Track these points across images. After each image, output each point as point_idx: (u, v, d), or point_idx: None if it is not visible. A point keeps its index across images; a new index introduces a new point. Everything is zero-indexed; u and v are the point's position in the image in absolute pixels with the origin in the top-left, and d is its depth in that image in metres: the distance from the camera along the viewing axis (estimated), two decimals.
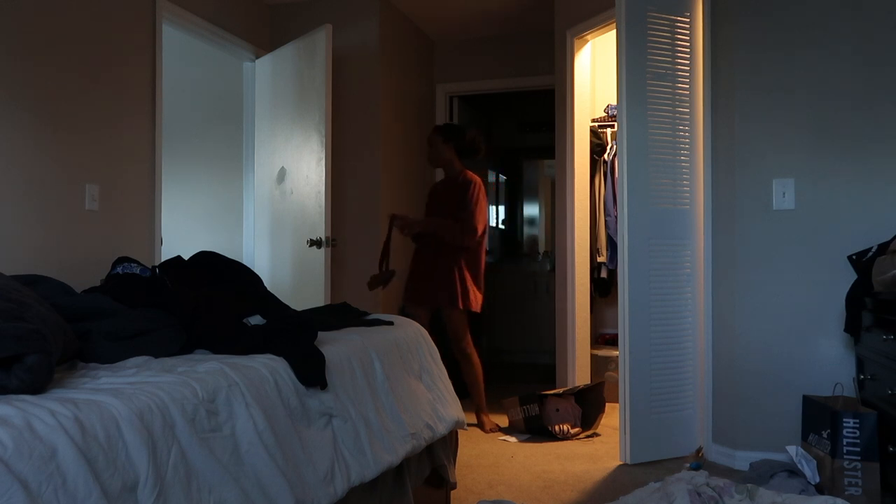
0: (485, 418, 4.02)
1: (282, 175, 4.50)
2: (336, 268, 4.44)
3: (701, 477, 2.48)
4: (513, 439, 3.81)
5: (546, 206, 7.21)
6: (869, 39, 3.13)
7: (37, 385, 1.32)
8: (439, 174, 5.18)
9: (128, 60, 3.60)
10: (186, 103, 4.88)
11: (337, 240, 4.38)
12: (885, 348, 2.67)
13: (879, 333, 2.72)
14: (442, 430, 2.49)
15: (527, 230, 7.42)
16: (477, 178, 4.01)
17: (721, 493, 2.37)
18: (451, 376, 4.07)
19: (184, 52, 4.75)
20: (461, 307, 3.90)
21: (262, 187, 4.65)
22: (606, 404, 4.01)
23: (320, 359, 1.92)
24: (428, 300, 3.99)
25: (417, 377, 2.53)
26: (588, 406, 3.94)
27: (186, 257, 2.48)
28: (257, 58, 4.71)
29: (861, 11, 3.14)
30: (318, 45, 4.22)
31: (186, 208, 4.93)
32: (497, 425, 4.02)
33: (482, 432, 3.96)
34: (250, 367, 1.71)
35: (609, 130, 4.75)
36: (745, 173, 3.32)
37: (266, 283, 4.41)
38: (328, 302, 4.07)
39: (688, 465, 3.18)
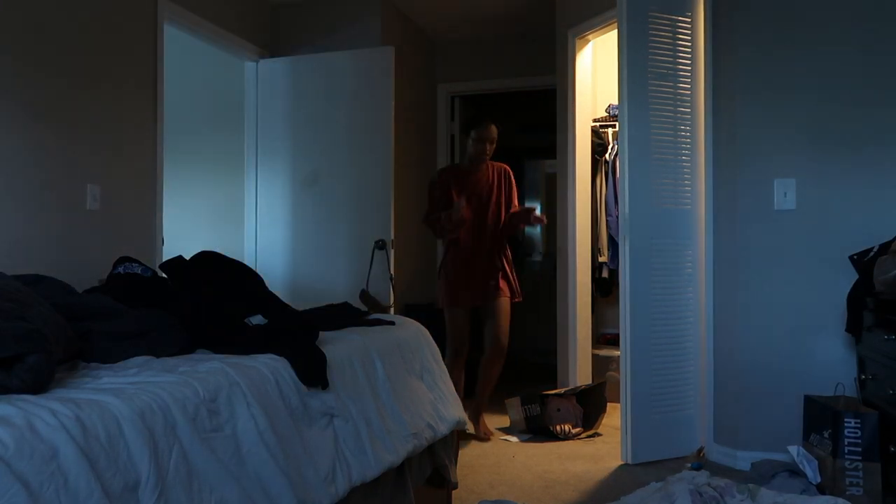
0: (483, 422, 3.90)
1: (311, 178, 4.57)
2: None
3: (702, 477, 2.49)
4: (514, 439, 3.81)
5: (546, 206, 7.20)
6: (871, 39, 3.13)
7: (38, 385, 1.32)
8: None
9: (129, 60, 3.60)
10: (187, 102, 4.88)
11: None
12: (886, 348, 2.66)
13: (881, 333, 2.72)
14: (443, 429, 2.49)
15: (527, 230, 7.40)
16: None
17: (722, 493, 2.37)
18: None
19: (185, 52, 4.75)
20: (515, 299, 3.91)
21: (278, 188, 4.67)
22: (608, 404, 4.01)
23: (321, 358, 1.92)
24: (481, 297, 3.86)
25: (419, 377, 2.53)
26: (589, 406, 3.94)
27: (188, 257, 2.48)
28: (261, 58, 4.71)
29: (863, 11, 3.14)
30: (376, 60, 4.44)
31: (188, 208, 4.93)
32: (491, 432, 3.88)
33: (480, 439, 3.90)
34: (251, 366, 1.71)
35: (610, 130, 4.75)
36: (746, 173, 3.32)
37: (284, 281, 4.52)
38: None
39: (689, 464, 3.17)
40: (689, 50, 3.50)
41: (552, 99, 4.76)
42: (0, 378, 1.29)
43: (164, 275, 2.44)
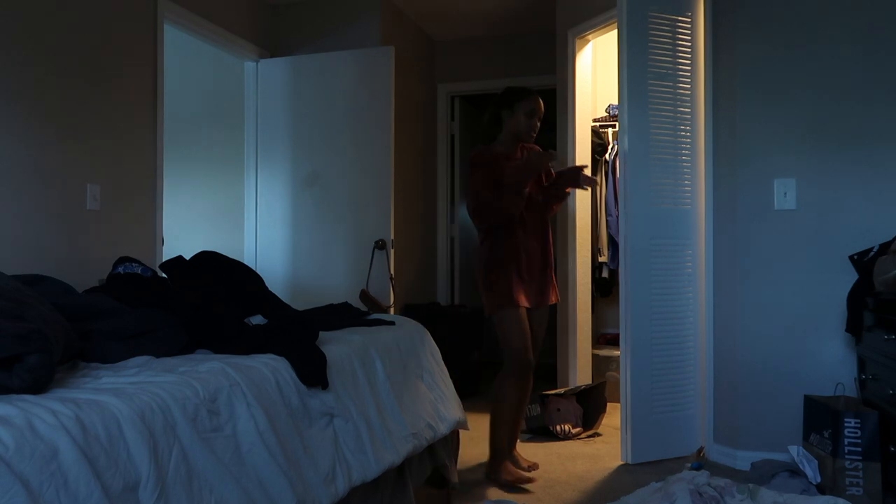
0: (519, 457, 3.28)
1: (312, 178, 4.57)
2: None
3: (702, 477, 2.48)
4: None
5: None
6: (871, 38, 3.13)
7: (38, 385, 1.32)
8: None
9: (129, 60, 3.60)
10: (187, 102, 4.88)
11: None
12: (886, 348, 2.66)
13: (881, 333, 2.72)
14: (443, 429, 2.50)
15: None
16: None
17: (722, 493, 2.37)
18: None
19: (185, 52, 4.75)
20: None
21: (278, 188, 4.68)
22: (608, 404, 4.01)
23: (322, 358, 1.92)
24: (545, 296, 3.23)
25: (419, 377, 2.54)
26: (589, 406, 3.94)
27: (188, 257, 2.48)
28: (261, 58, 4.72)
29: (862, 10, 3.14)
30: (375, 60, 4.44)
31: (188, 208, 4.94)
32: (535, 464, 3.27)
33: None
34: (252, 366, 1.71)
35: (610, 130, 4.75)
36: (746, 173, 3.32)
37: (284, 281, 4.52)
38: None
39: (689, 464, 3.17)
40: (689, 50, 3.50)
41: (552, 99, 4.76)
42: (0, 378, 1.29)
43: (164, 275, 2.44)
